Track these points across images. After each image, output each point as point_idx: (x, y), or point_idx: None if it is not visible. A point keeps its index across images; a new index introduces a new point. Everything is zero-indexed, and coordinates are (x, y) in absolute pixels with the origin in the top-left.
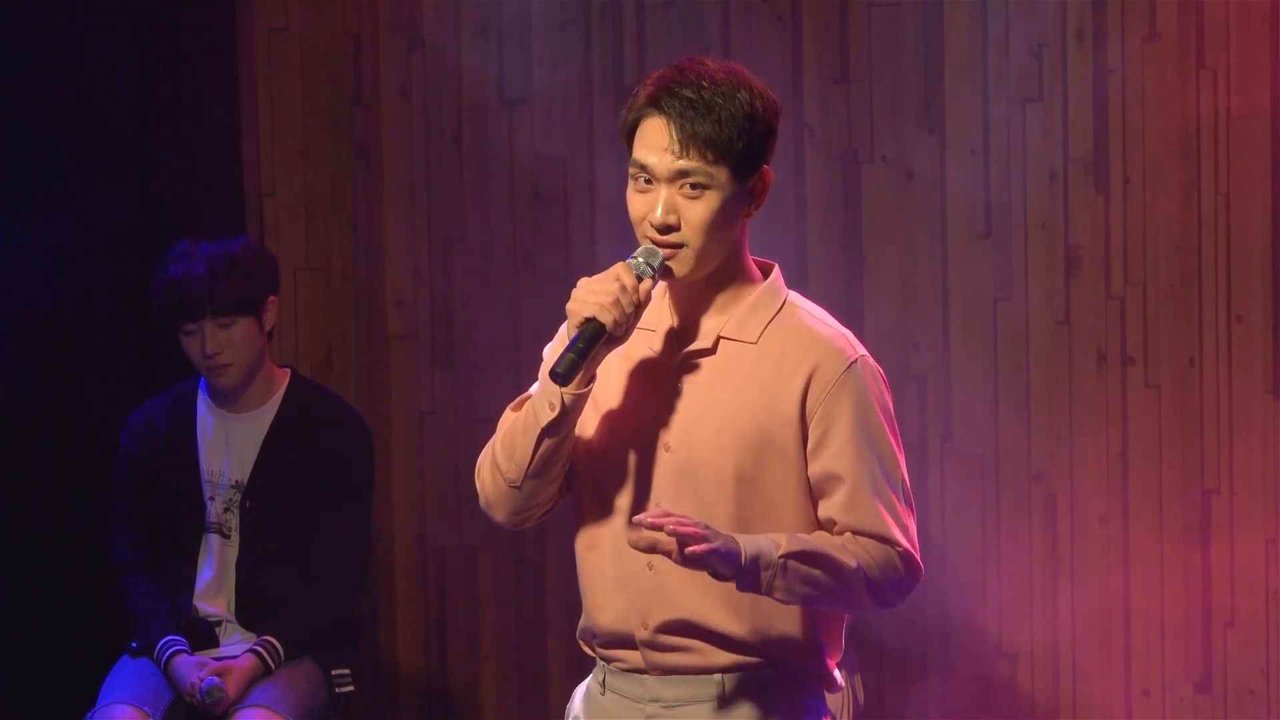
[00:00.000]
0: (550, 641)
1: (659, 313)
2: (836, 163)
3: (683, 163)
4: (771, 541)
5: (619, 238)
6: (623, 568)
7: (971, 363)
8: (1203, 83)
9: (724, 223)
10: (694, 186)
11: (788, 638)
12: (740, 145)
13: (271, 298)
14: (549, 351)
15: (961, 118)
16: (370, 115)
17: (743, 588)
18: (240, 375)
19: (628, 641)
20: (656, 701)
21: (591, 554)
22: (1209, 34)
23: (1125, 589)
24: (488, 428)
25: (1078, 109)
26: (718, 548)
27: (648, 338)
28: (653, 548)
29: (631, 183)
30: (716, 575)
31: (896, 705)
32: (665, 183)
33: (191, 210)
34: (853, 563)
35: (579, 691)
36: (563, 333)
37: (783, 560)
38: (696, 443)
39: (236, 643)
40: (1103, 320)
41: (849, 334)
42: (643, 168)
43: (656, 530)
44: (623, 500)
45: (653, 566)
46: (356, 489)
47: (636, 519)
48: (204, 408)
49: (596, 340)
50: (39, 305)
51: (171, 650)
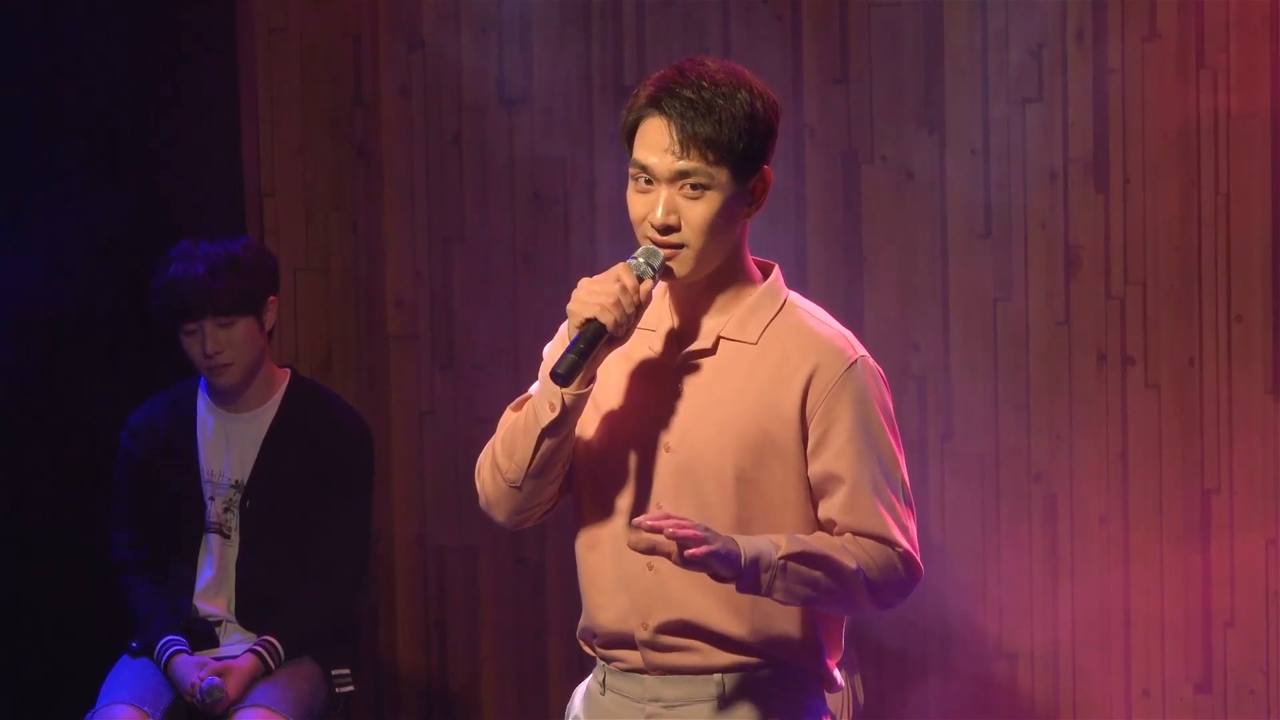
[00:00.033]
0: (550, 641)
1: (659, 313)
2: (836, 163)
3: (683, 163)
4: (771, 543)
5: (619, 238)
6: (623, 568)
7: (971, 363)
8: (1203, 83)
9: (724, 223)
10: (694, 187)
11: (788, 638)
12: (741, 146)
13: (272, 297)
14: (549, 351)
15: (961, 117)
16: (370, 115)
17: (742, 589)
18: (241, 375)
19: (628, 641)
20: (656, 701)
21: (592, 554)
22: (1209, 34)
23: (1125, 589)
24: (488, 428)
25: (1077, 109)
26: (717, 550)
27: (648, 338)
28: (652, 550)
29: (632, 183)
30: (716, 577)
31: (896, 705)
32: (666, 183)
33: (191, 210)
34: (852, 564)
35: (579, 691)
36: (563, 332)
37: (782, 562)
38: (697, 443)
39: (236, 643)
40: (1103, 320)
41: (849, 334)
42: (643, 168)
43: (656, 533)
44: (623, 500)
45: (653, 567)
46: (356, 489)
47: (636, 521)
48: (204, 407)
49: (597, 341)
50: (39, 305)
51: (171, 650)
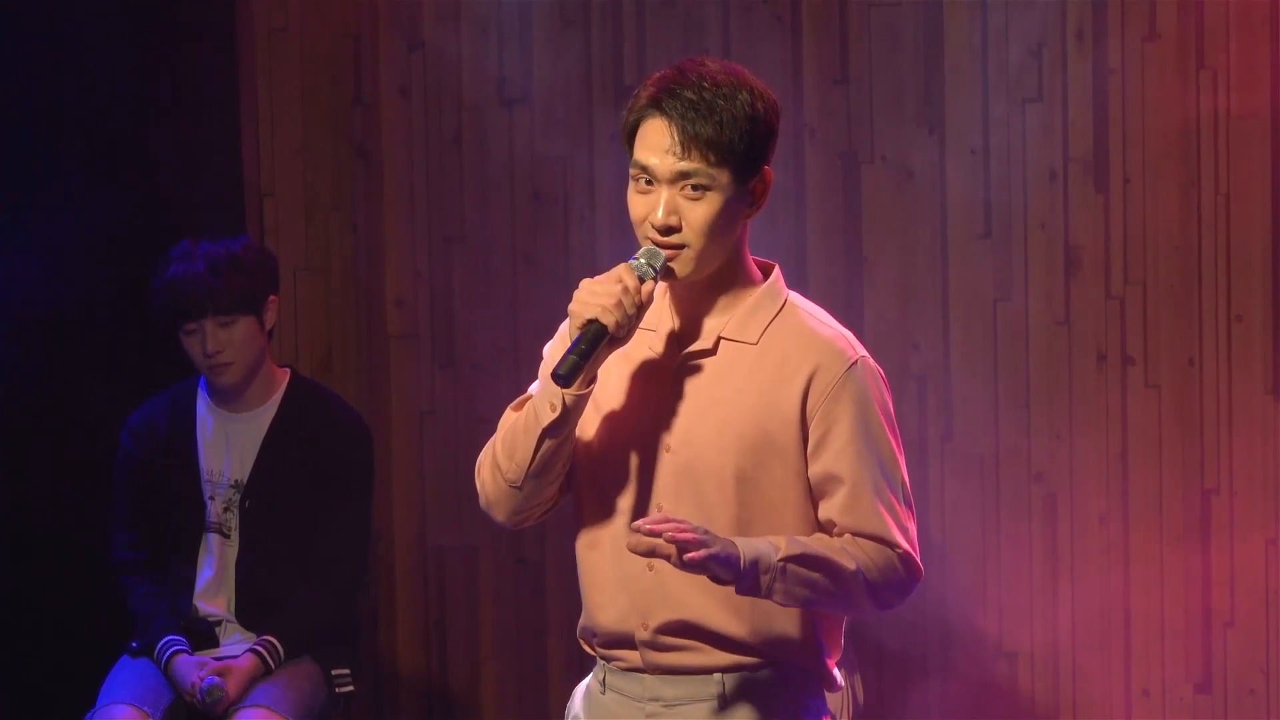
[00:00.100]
0: (550, 641)
1: (659, 313)
2: (836, 163)
3: (684, 164)
4: (770, 545)
5: (619, 238)
6: (623, 568)
7: (971, 363)
8: (1203, 83)
9: (725, 224)
10: (695, 188)
11: (787, 638)
12: (742, 147)
13: (272, 297)
14: (549, 350)
15: (961, 118)
16: (370, 115)
17: (742, 591)
18: (241, 374)
19: (628, 641)
20: (657, 700)
21: (592, 554)
22: (1209, 34)
23: (1125, 589)
24: (488, 428)
25: (1077, 109)
26: (716, 553)
27: (648, 338)
28: (651, 552)
29: (632, 183)
30: (716, 579)
31: (896, 706)
32: (666, 184)
33: (191, 210)
34: (852, 565)
35: (579, 690)
36: (563, 331)
37: (782, 564)
38: (697, 443)
39: (236, 642)
40: (1103, 320)
41: (849, 335)
42: (644, 169)
43: (655, 536)
44: (623, 501)
45: (653, 567)
46: (356, 489)
47: (635, 524)
48: (204, 407)
49: (599, 342)
50: (39, 305)
51: (171, 650)
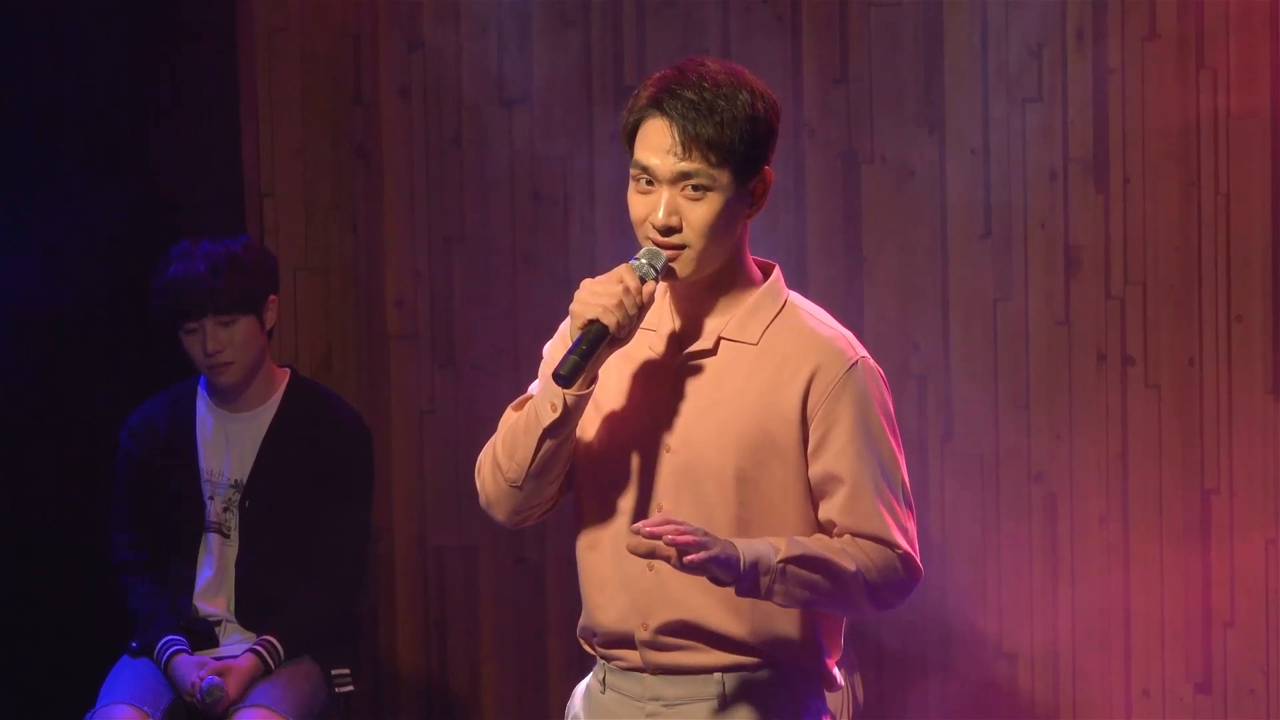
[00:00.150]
0: (550, 641)
1: (660, 313)
2: (836, 163)
3: (685, 164)
4: (770, 546)
5: (619, 238)
6: (623, 568)
7: (971, 363)
8: (1202, 83)
9: (726, 224)
10: (696, 188)
11: (787, 638)
12: (742, 147)
13: (272, 297)
14: (549, 350)
15: (961, 117)
16: (370, 115)
17: (741, 593)
18: (241, 374)
19: (628, 641)
20: (657, 700)
21: (592, 554)
22: (1209, 34)
23: (1125, 589)
24: (488, 428)
25: (1077, 109)
26: (716, 555)
27: (649, 338)
28: (651, 554)
29: (633, 184)
30: (716, 581)
31: (896, 706)
32: (667, 184)
33: (191, 210)
34: (851, 566)
35: (579, 690)
36: (563, 331)
37: (781, 565)
38: (697, 443)
39: (236, 642)
40: (1103, 320)
41: (850, 335)
42: (644, 169)
43: (655, 538)
44: (624, 501)
45: (653, 567)
46: (356, 488)
47: (635, 526)
48: (204, 407)
49: (600, 342)
50: (39, 305)
51: (171, 650)
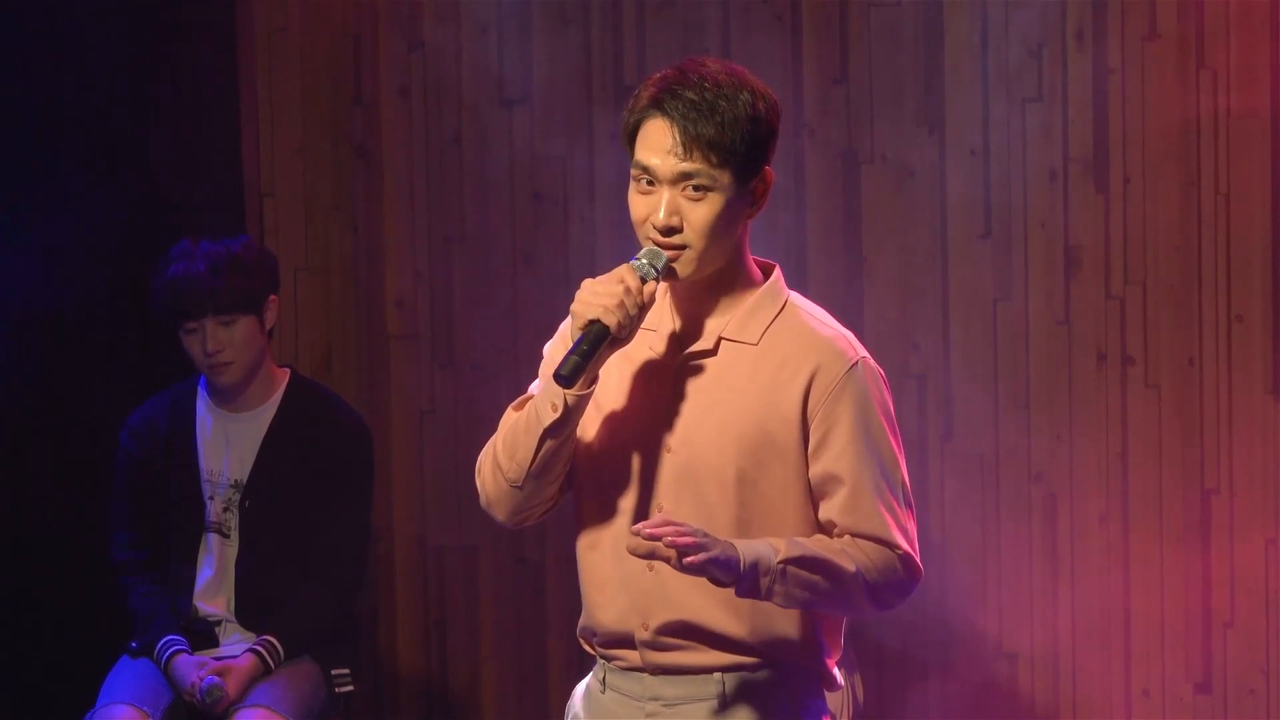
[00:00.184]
0: (550, 641)
1: (660, 314)
2: (836, 163)
3: (686, 165)
4: (770, 547)
5: (619, 237)
6: (623, 568)
7: (971, 363)
8: (1202, 82)
9: (726, 224)
10: (697, 189)
11: (787, 638)
12: (743, 148)
13: (272, 296)
14: (549, 350)
15: (961, 118)
16: (370, 115)
17: (741, 593)
18: (241, 374)
19: (628, 641)
20: (657, 700)
21: (592, 554)
22: (1209, 34)
23: (1125, 589)
24: (488, 428)
25: (1077, 108)
26: (716, 556)
27: (649, 338)
28: (651, 555)
29: (633, 184)
30: (716, 582)
31: (896, 706)
32: (668, 184)
33: (191, 210)
34: (851, 567)
35: (579, 690)
36: (563, 330)
37: (781, 566)
38: (697, 444)
39: (236, 642)
40: (1103, 320)
41: (850, 335)
42: (645, 169)
43: (655, 540)
44: (624, 501)
45: (653, 567)
46: (356, 488)
47: (635, 528)
48: (203, 407)
49: (601, 342)
50: (39, 305)
51: (171, 650)
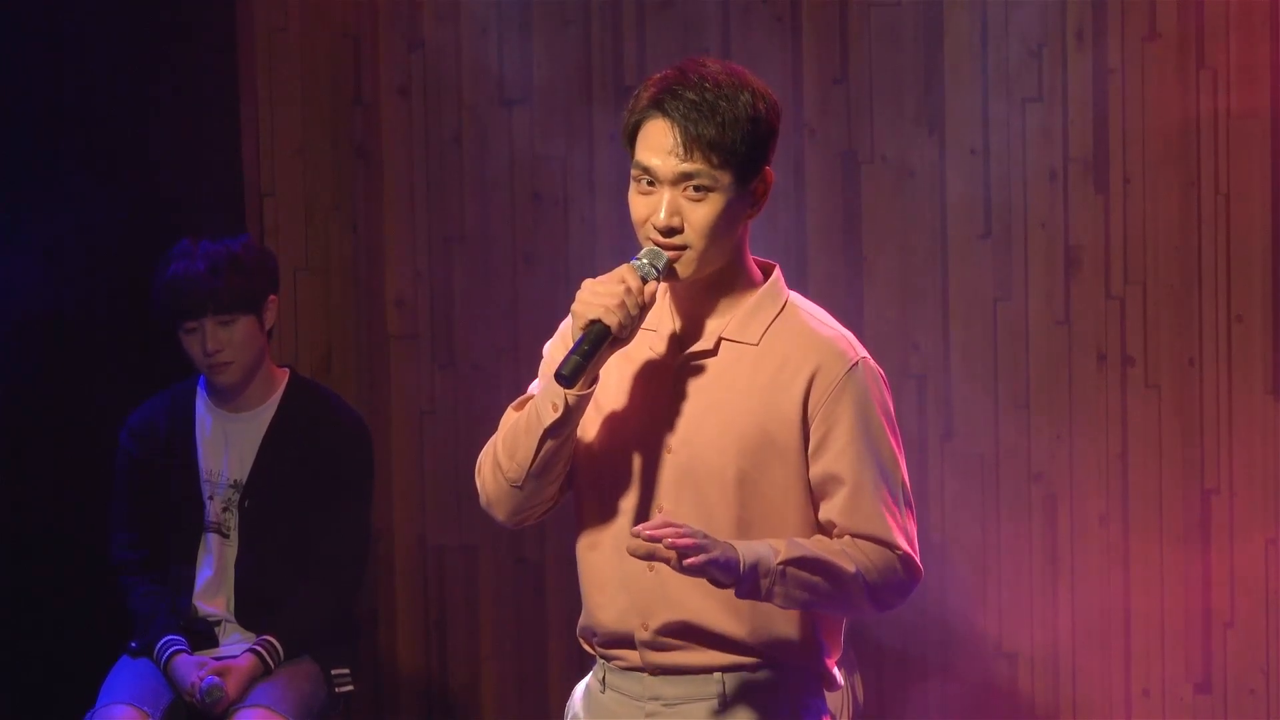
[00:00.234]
0: (550, 641)
1: (660, 314)
2: (836, 163)
3: (687, 165)
4: (770, 548)
5: (619, 237)
6: (623, 568)
7: (971, 363)
8: (1202, 82)
9: (727, 225)
10: (697, 189)
11: (787, 638)
12: (744, 148)
13: (272, 296)
14: (549, 350)
15: (961, 118)
16: (370, 115)
17: (741, 595)
18: (241, 374)
19: (628, 641)
20: (657, 700)
21: (592, 554)
22: (1209, 34)
23: (1125, 589)
24: (488, 428)
25: (1077, 108)
26: (716, 557)
27: (649, 339)
28: (651, 556)
29: (634, 184)
30: (716, 583)
31: (896, 706)
32: (668, 185)
33: (191, 210)
34: (851, 568)
35: (579, 689)
36: (563, 330)
37: (781, 567)
38: (698, 444)
39: (236, 642)
40: (1103, 320)
41: (850, 335)
42: (645, 170)
43: (655, 541)
44: (624, 501)
45: (653, 567)
46: (356, 488)
47: (635, 530)
48: (203, 407)
49: (601, 342)
50: (39, 305)
51: (171, 650)
